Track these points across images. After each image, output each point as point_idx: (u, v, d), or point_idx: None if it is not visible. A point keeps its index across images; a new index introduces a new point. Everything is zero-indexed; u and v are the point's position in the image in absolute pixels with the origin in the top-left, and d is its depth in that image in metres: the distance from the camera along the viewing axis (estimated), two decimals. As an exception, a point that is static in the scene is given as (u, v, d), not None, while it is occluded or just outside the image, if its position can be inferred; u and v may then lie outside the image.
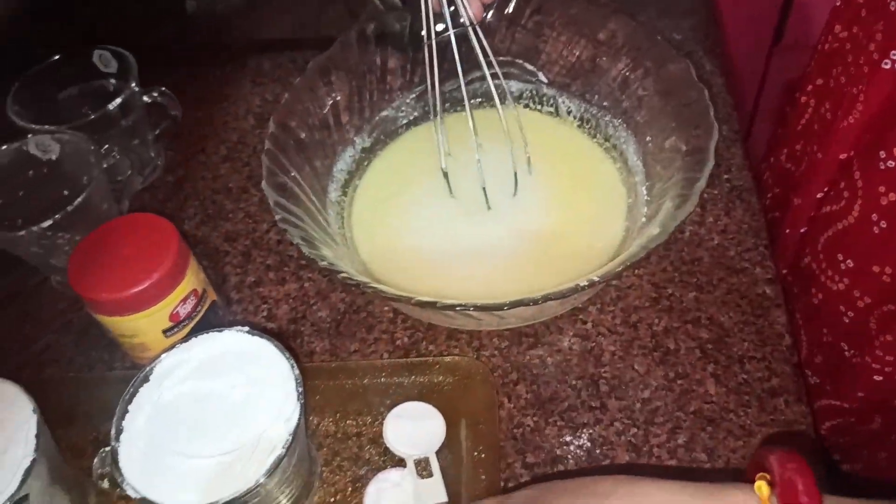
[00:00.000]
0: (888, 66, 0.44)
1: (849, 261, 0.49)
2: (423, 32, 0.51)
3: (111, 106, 0.58)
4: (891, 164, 0.44)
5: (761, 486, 0.27)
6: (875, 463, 0.53)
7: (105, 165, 0.59)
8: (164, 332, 0.47)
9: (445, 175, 0.54)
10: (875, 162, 0.45)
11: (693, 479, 0.31)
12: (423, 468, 0.45)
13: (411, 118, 0.61)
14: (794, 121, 0.59)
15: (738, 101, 0.65)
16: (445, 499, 0.42)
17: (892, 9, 0.44)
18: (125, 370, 0.53)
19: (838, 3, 0.52)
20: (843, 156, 0.51)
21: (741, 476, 0.31)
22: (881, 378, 0.48)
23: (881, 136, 0.45)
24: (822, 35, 0.55)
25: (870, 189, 0.46)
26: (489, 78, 0.52)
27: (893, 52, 0.44)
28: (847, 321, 0.50)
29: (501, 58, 0.57)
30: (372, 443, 0.47)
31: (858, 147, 0.49)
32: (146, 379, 0.41)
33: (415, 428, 0.45)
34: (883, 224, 0.45)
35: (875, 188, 0.45)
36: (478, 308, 0.39)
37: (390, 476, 0.44)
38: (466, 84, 0.52)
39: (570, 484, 0.32)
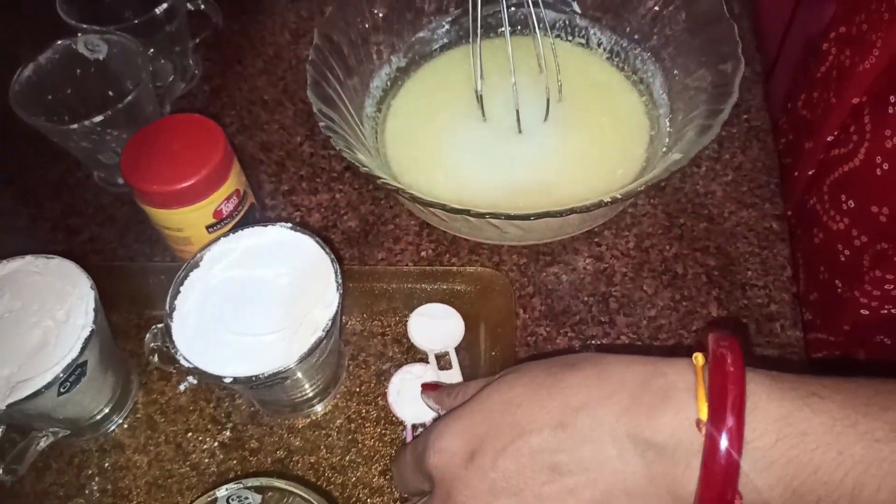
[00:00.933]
0: None
1: (850, 201, 0.52)
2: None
3: (158, 10, 0.60)
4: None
5: (697, 357, 0.31)
6: None
7: (150, 69, 0.61)
8: (208, 227, 0.51)
9: (479, 98, 0.57)
10: (885, 106, 0.47)
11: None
12: (443, 364, 0.48)
13: (444, 42, 0.63)
14: (815, 68, 0.61)
15: (761, 45, 0.66)
16: None
17: None
18: (166, 263, 0.56)
19: None
20: (855, 100, 0.53)
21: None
22: (867, 312, 0.52)
23: (894, 81, 0.47)
24: None
25: (877, 132, 0.48)
26: (530, 5, 0.53)
27: None
28: (843, 259, 0.53)
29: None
30: (396, 342, 0.51)
31: (871, 92, 0.51)
32: (196, 264, 0.44)
33: (436, 326, 0.49)
34: (885, 166, 0.48)
35: (882, 131, 0.48)
36: (508, 217, 0.42)
37: (413, 369, 0.47)
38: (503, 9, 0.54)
39: (542, 361, 0.36)
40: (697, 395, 0.29)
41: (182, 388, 0.49)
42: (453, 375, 0.47)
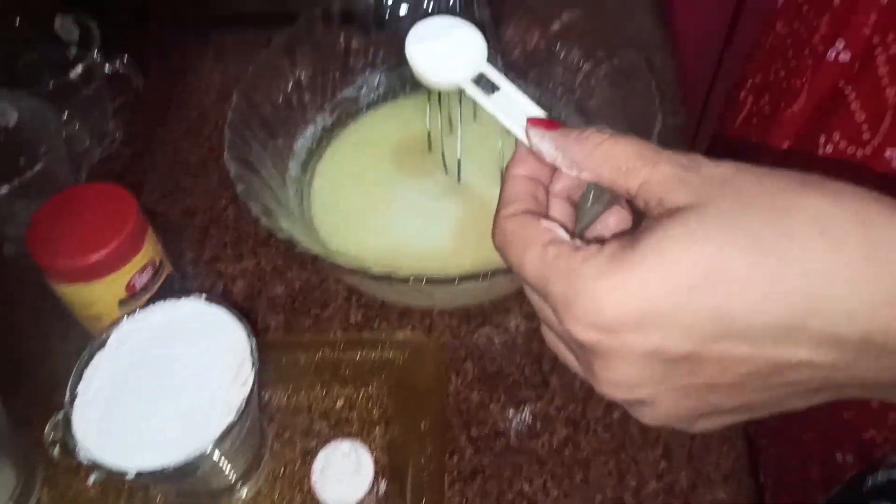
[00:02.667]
0: (832, 58, 0.47)
1: None
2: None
3: (72, 74, 0.58)
4: (829, 149, 0.47)
5: None
6: (799, 444, 0.56)
7: (64, 134, 0.59)
8: (120, 302, 0.48)
9: (442, 151, 0.55)
10: (815, 148, 0.48)
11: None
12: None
13: (371, 99, 0.63)
14: (733, 117, 0.62)
15: (685, 96, 0.67)
16: None
17: (836, 4, 0.47)
18: (77, 341, 0.53)
19: (779, 4, 0.55)
20: (784, 145, 0.53)
21: None
22: None
23: (824, 123, 0.48)
24: (763, 34, 0.58)
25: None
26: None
27: (839, 41, 0.47)
28: None
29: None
30: (323, 416, 0.49)
31: (799, 135, 0.51)
32: (102, 344, 0.41)
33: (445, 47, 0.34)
34: None
35: (813, 174, 0.48)
36: (430, 282, 0.41)
37: (341, 446, 0.45)
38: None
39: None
40: None
41: (91, 480, 0.46)
42: (508, 94, 0.32)
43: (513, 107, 0.31)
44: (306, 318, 0.54)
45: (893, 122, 0.43)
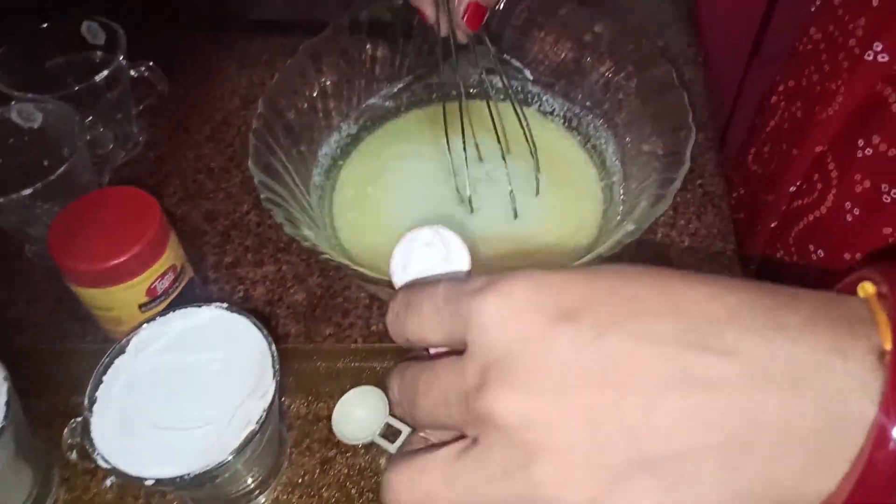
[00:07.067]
0: (870, 58, 0.46)
1: (820, 251, 0.51)
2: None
3: (97, 78, 0.58)
4: (868, 151, 0.46)
5: (865, 287, 0.22)
6: None
7: (88, 137, 0.59)
8: (141, 306, 0.48)
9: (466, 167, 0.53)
10: (853, 151, 0.47)
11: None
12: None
13: (396, 107, 0.62)
14: (764, 123, 0.61)
15: (714, 110, 0.66)
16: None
17: (875, 4, 0.46)
18: (98, 344, 0.53)
19: (813, 8, 0.54)
20: (818, 149, 0.53)
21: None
22: None
23: (862, 126, 0.47)
24: (796, 39, 0.57)
25: (844, 178, 0.48)
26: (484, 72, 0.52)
27: (876, 44, 0.46)
28: None
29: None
30: (343, 425, 0.48)
31: (835, 139, 0.51)
32: (122, 350, 0.41)
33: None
34: (856, 211, 0.47)
35: (851, 177, 0.47)
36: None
37: (420, 234, 0.30)
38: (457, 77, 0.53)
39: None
40: (879, 326, 0.21)
41: (108, 483, 0.45)
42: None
43: None
44: (327, 325, 0.53)
45: None
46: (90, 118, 0.60)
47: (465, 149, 0.52)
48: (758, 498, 0.20)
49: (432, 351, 0.26)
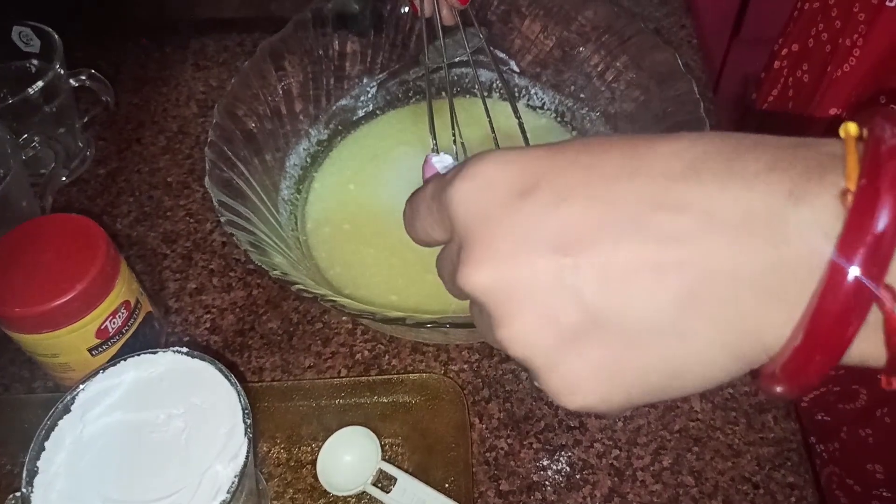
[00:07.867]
0: (893, 4, 0.44)
1: None
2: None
3: (32, 89, 0.51)
4: (894, 107, 0.43)
5: (848, 127, 0.21)
6: (856, 442, 0.52)
7: (24, 157, 0.53)
8: (91, 350, 0.42)
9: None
10: (874, 106, 0.44)
11: None
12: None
13: (370, 109, 0.56)
14: (766, 92, 0.58)
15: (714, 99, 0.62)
16: None
17: None
18: (48, 392, 0.47)
19: None
20: (833, 111, 0.49)
21: None
22: None
23: (885, 80, 0.44)
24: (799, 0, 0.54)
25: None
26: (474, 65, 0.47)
27: None
28: None
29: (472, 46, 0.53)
30: (329, 470, 0.42)
31: (851, 98, 0.47)
32: (66, 409, 0.35)
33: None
34: None
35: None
36: (453, 325, 0.35)
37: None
38: (433, 71, 0.47)
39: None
40: (847, 169, 0.20)
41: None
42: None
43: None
44: (306, 355, 0.48)
45: None
46: (26, 135, 0.54)
47: (456, 149, 0.47)
48: (714, 347, 0.20)
49: None
